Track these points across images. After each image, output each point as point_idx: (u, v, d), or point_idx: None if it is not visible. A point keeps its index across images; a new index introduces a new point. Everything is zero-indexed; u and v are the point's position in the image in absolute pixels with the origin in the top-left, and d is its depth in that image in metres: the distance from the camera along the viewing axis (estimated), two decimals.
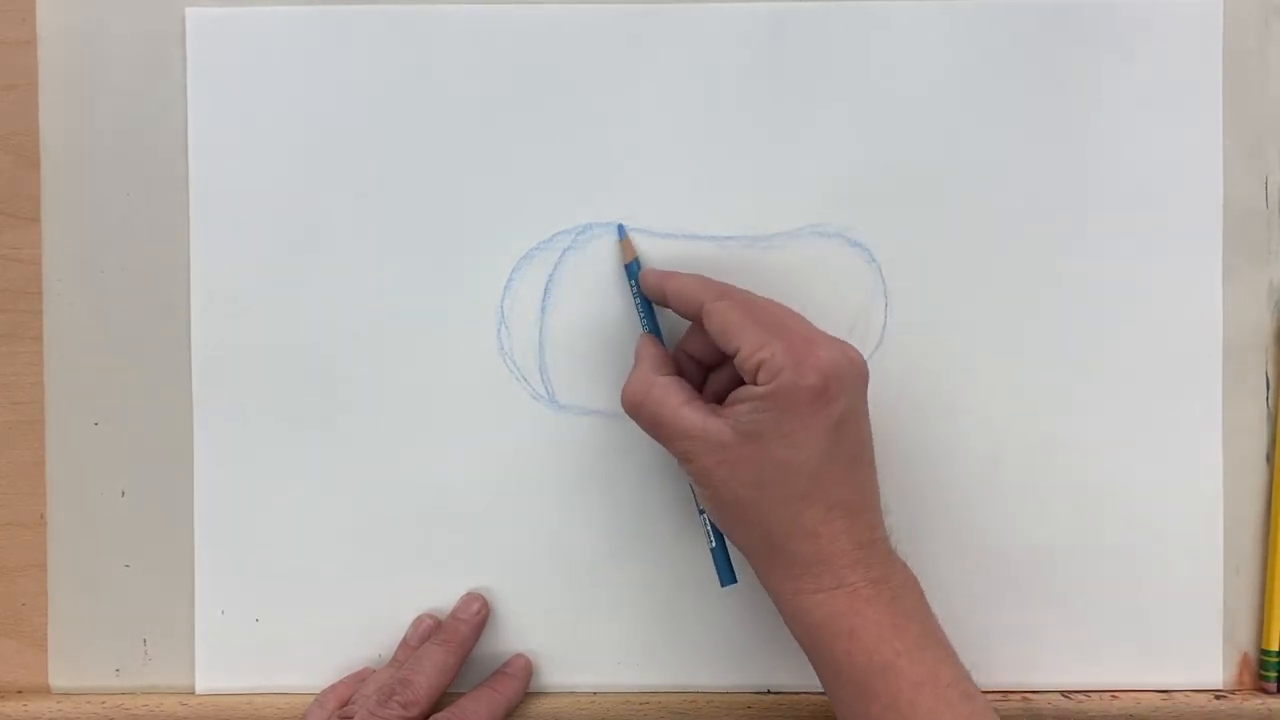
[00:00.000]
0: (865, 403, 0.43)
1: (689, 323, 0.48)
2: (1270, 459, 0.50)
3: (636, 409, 0.45)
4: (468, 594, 0.50)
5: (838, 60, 0.50)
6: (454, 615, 0.49)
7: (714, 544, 0.47)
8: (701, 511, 0.47)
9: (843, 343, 0.43)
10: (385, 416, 0.50)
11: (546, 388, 0.50)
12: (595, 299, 0.50)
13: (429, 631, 0.49)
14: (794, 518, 0.42)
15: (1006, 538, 0.50)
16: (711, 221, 0.50)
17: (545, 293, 0.50)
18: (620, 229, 0.49)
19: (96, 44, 0.50)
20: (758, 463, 0.42)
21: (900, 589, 0.42)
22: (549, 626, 0.50)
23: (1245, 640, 0.50)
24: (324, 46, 0.50)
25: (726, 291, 0.45)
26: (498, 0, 0.50)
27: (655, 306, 0.48)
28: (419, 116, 0.50)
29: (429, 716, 0.46)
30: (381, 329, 0.50)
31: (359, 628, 0.50)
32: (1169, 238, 0.50)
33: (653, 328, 0.48)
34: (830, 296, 0.50)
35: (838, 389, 0.41)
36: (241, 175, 0.50)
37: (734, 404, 0.42)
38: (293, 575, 0.50)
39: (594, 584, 0.50)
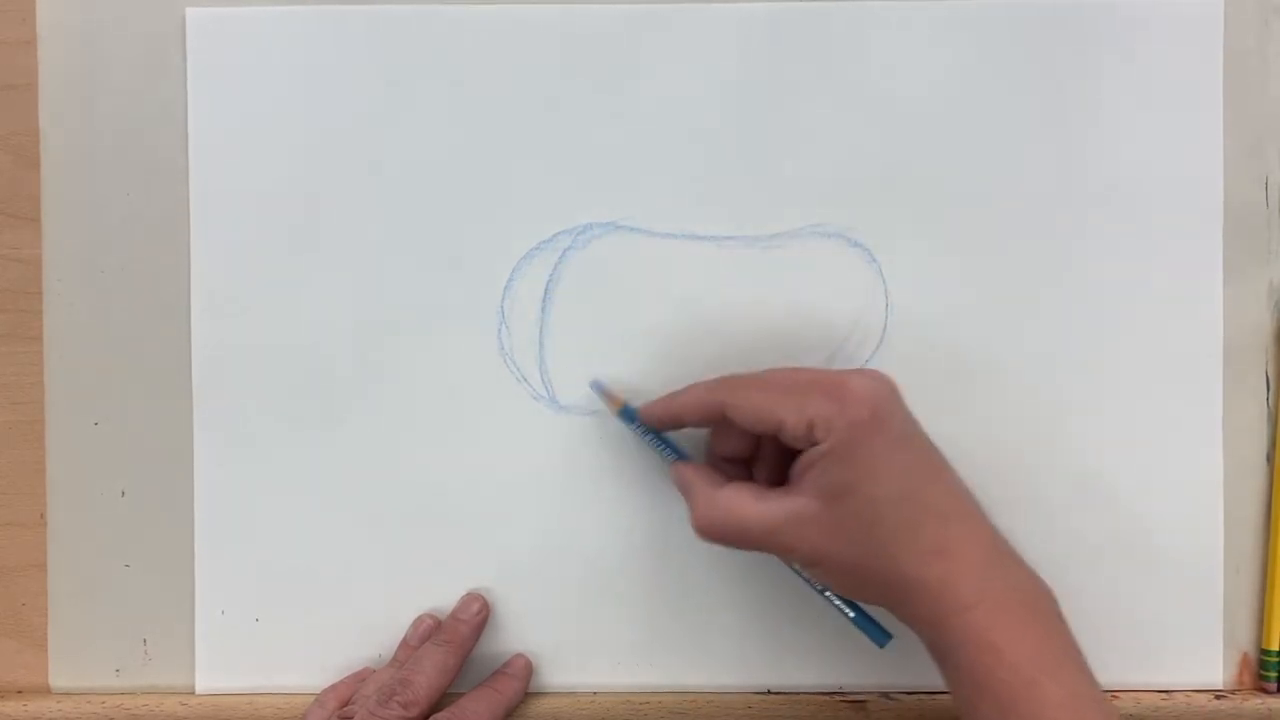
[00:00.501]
0: (910, 412, 0.43)
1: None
2: (1270, 459, 0.50)
3: (716, 530, 0.43)
4: (468, 594, 0.50)
5: (838, 60, 0.50)
6: (454, 615, 0.49)
7: (854, 614, 0.45)
8: (822, 591, 0.45)
9: (863, 369, 0.44)
10: (385, 416, 0.50)
11: (546, 388, 0.50)
12: (595, 299, 0.50)
13: (429, 631, 0.49)
14: (916, 544, 0.41)
15: (1007, 538, 0.50)
16: (711, 221, 0.50)
17: (545, 293, 0.50)
18: (596, 384, 0.49)
19: (96, 44, 0.50)
20: (855, 514, 0.41)
21: (1041, 600, 0.42)
22: (549, 626, 0.50)
23: (1245, 640, 0.50)
24: (324, 46, 0.50)
25: (735, 382, 0.44)
26: (498, 0, 0.50)
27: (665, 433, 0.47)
28: (419, 116, 0.50)
29: (429, 716, 0.46)
30: (381, 329, 0.50)
31: (359, 628, 0.50)
32: (1169, 238, 0.50)
33: (677, 454, 0.47)
34: (830, 296, 0.50)
35: (886, 410, 0.42)
36: (241, 175, 0.50)
37: (803, 474, 0.42)
38: (293, 575, 0.50)
39: (594, 584, 0.50)
